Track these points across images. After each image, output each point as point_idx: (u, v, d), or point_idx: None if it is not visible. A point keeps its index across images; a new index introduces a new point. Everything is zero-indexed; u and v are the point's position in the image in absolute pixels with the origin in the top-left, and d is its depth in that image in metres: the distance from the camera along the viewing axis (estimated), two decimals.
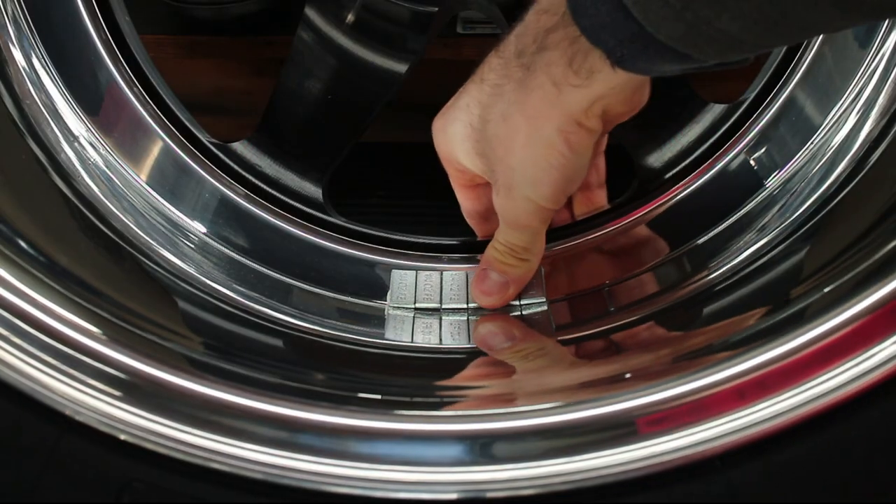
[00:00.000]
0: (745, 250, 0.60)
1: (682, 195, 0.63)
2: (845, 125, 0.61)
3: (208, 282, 0.59)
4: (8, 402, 0.42)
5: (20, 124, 0.59)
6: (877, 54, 0.60)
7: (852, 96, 0.61)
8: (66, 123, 0.61)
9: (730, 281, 0.58)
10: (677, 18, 0.39)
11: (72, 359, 0.44)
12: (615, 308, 0.60)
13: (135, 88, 0.63)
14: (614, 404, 0.44)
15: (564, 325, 0.59)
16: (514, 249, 0.56)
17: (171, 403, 0.43)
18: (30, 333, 0.44)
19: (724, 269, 0.59)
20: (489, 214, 0.59)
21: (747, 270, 0.58)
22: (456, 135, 0.55)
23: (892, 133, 0.59)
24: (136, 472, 0.41)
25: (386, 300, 0.60)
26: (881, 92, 0.60)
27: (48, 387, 0.42)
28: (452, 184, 0.59)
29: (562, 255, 0.63)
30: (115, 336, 0.46)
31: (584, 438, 0.43)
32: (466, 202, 0.60)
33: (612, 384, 0.48)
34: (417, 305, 0.60)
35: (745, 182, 0.63)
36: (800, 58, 0.63)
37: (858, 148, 0.59)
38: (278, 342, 0.57)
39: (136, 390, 0.43)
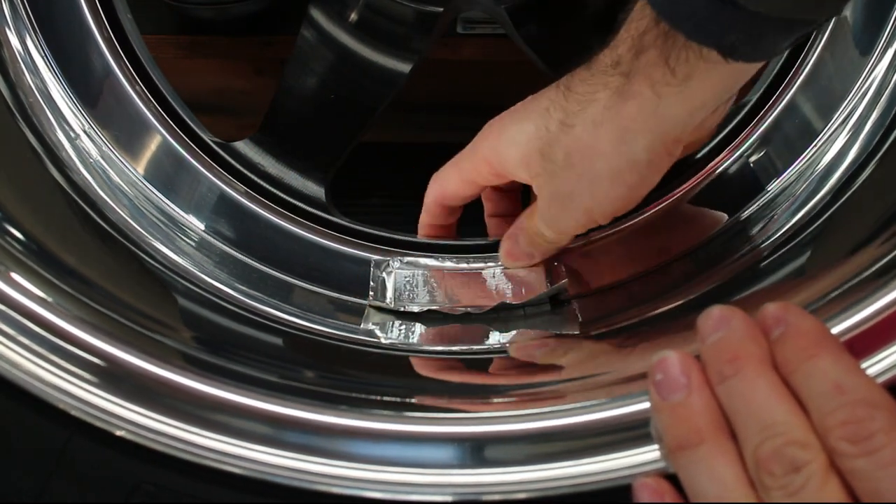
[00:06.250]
0: (744, 254, 0.60)
1: (683, 197, 0.63)
2: (845, 129, 0.61)
3: (210, 280, 0.59)
4: (17, 403, 0.42)
5: (18, 116, 0.59)
6: (878, 61, 0.61)
7: (854, 102, 0.61)
8: (65, 119, 0.61)
9: (729, 285, 0.58)
10: None
11: (82, 361, 0.44)
12: (615, 310, 0.60)
13: (137, 87, 0.63)
14: (612, 409, 0.44)
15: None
16: (547, 239, 0.57)
17: (181, 405, 0.43)
18: (41, 336, 0.44)
19: (724, 273, 0.59)
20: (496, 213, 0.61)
21: (747, 275, 0.58)
22: (520, 134, 0.54)
23: (892, 138, 0.59)
24: (145, 475, 0.41)
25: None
26: (881, 98, 0.60)
27: (58, 388, 0.42)
28: (465, 179, 0.59)
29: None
30: (124, 338, 0.46)
31: (581, 443, 0.43)
32: (453, 197, 0.60)
33: (608, 388, 0.48)
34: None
35: (745, 185, 0.63)
36: (801, 63, 0.63)
37: (859, 153, 0.60)
38: (280, 341, 0.57)
39: (145, 392, 0.43)
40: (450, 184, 0.60)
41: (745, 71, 0.47)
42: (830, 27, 0.62)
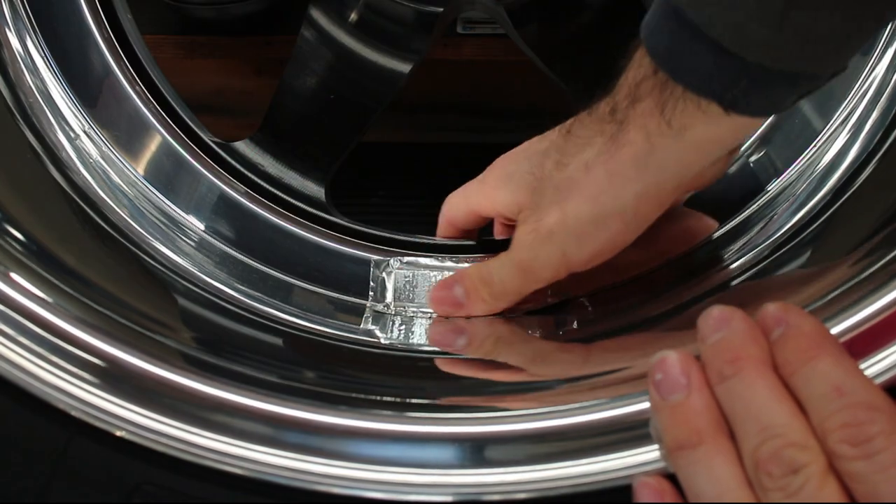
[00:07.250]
0: (745, 254, 0.60)
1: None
2: (846, 129, 0.61)
3: (210, 280, 0.59)
4: (17, 404, 0.42)
5: (18, 116, 0.59)
6: (878, 61, 0.61)
7: (854, 101, 0.61)
8: (65, 120, 0.61)
9: (730, 286, 0.58)
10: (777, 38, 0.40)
11: (82, 361, 0.44)
12: (613, 311, 0.60)
13: (137, 87, 0.63)
14: (613, 409, 0.44)
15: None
16: (496, 289, 0.55)
17: (181, 406, 0.43)
18: (42, 336, 0.44)
19: (724, 273, 0.59)
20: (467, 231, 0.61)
21: (747, 275, 0.58)
22: (517, 171, 0.54)
23: (892, 138, 0.59)
24: (146, 475, 0.41)
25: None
26: (881, 98, 0.60)
27: (58, 388, 0.42)
28: (472, 210, 0.59)
29: None
30: (124, 338, 0.46)
31: (581, 443, 0.43)
32: (462, 223, 0.61)
33: (609, 388, 0.48)
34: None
35: (745, 186, 0.63)
36: None
37: (859, 152, 0.60)
38: (280, 342, 0.57)
39: (145, 393, 0.43)
40: (458, 213, 0.60)
41: (747, 124, 0.46)
42: None
